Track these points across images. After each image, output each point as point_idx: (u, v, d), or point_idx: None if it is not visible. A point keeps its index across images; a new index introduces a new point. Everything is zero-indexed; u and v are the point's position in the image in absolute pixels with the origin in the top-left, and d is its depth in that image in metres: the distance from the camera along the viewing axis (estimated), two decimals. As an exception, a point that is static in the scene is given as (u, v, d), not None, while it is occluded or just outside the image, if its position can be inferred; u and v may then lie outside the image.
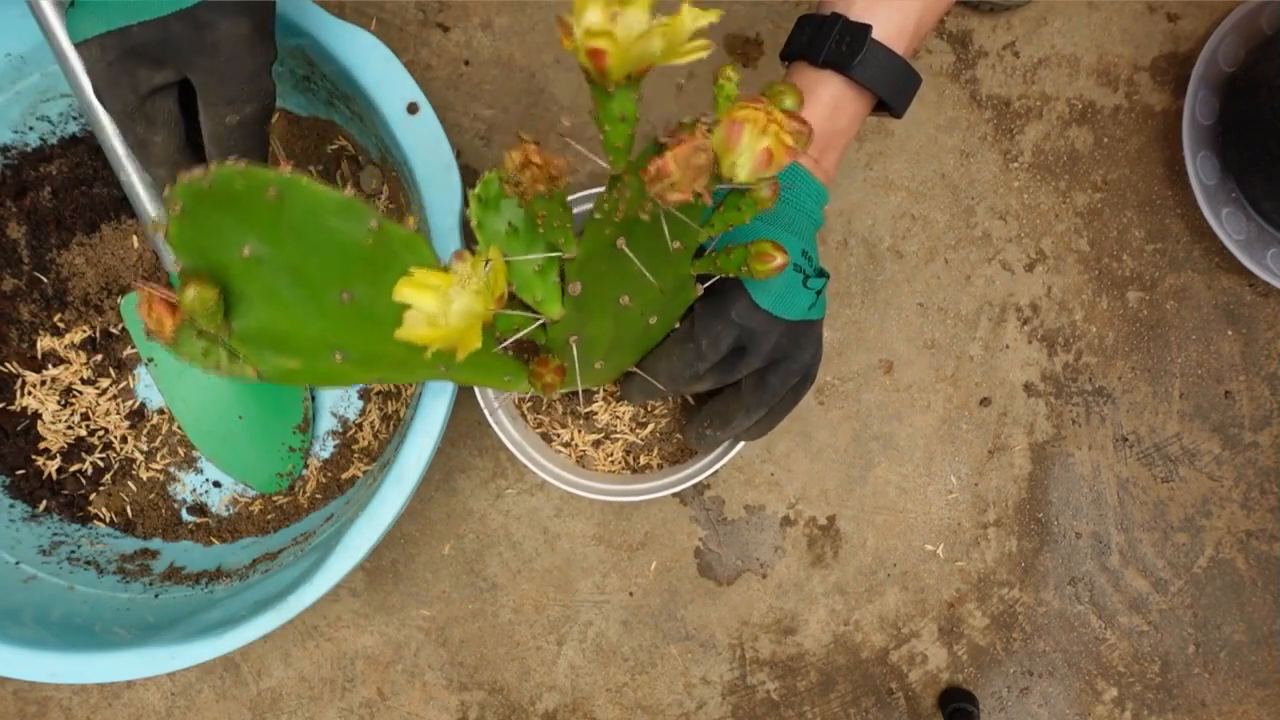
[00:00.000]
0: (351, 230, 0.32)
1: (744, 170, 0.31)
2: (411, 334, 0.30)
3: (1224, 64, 0.64)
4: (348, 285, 0.33)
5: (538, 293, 0.39)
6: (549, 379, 0.41)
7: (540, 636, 0.64)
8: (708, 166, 0.30)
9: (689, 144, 0.30)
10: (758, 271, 0.37)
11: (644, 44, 0.29)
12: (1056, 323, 0.66)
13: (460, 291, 0.30)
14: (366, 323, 0.35)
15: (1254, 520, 0.67)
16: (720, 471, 0.64)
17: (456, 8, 0.63)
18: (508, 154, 0.32)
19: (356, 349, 0.35)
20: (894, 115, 0.45)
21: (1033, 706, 0.66)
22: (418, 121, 0.47)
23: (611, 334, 0.42)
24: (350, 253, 0.33)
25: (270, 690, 0.63)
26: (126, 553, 0.58)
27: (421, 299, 0.29)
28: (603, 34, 0.28)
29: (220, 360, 0.35)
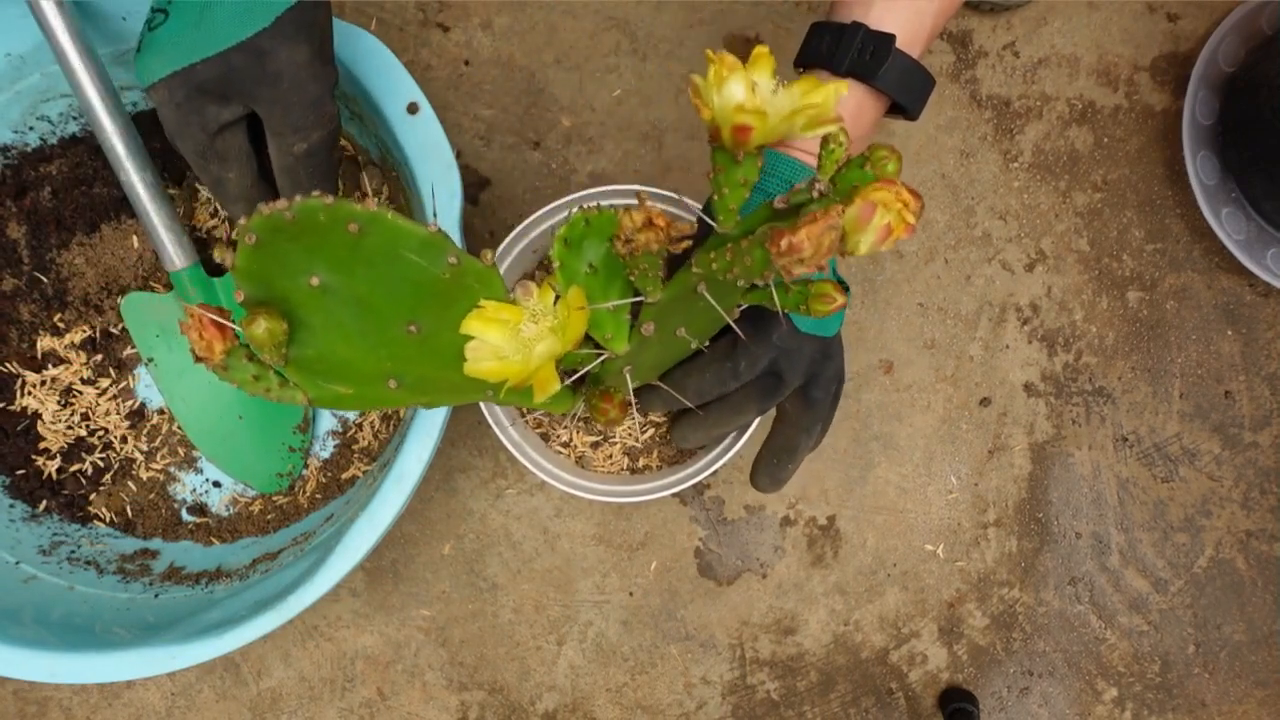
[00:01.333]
0: (431, 265, 0.32)
1: (866, 246, 0.31)
2: (480, 369, 0.30)
3: (1224, 64, 0.64)
4: (416, 317, 0.33)
5: (608, 331, 0.39)
6: (613, 414, 0.41)
7: (540, 636, 0.64)
8: (836, 243, 0.31)
9: (823, 222, 0.30)
10: (817, 311, 0.37)
11: (790, 122, 0.29)
12: (1056, 323, 0.66)
13: (533, 326, 0.30)
14: (428, 353, 0.34)
15: (1254, 520, 0.67)
16: (720, 471, 0.64)
17: (456, 8, 0.63)
18: (626, 214, 0.32)
19: (413, 377, 0.35)
20: (909, 118, 0.45)
21: (1033, 706, 0.66)
22: (418, 122, 0.47)
23: (657, 358, 0.42)
24: (424, 287, 0.32)
25: (270, 690, 0.63)
26: (126, 553, 0.57)
27: (490, 333, 0.30)
28: (755, 113, 0.29)
29: (271, 385, 0.35)
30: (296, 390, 0.35)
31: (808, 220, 0.30)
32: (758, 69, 0.30)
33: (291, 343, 0.34)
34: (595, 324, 0.38)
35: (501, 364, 0.30)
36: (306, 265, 0.32)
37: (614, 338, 0.39)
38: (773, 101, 0.29)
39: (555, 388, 0.32)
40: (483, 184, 0.64)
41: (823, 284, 0.37)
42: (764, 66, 0.30)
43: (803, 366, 0.43)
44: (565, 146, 0.64)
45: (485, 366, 0.30)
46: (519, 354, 0.30)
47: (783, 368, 0.43)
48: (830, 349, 0.44)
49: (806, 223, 0.30)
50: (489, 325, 0.30)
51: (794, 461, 0.46)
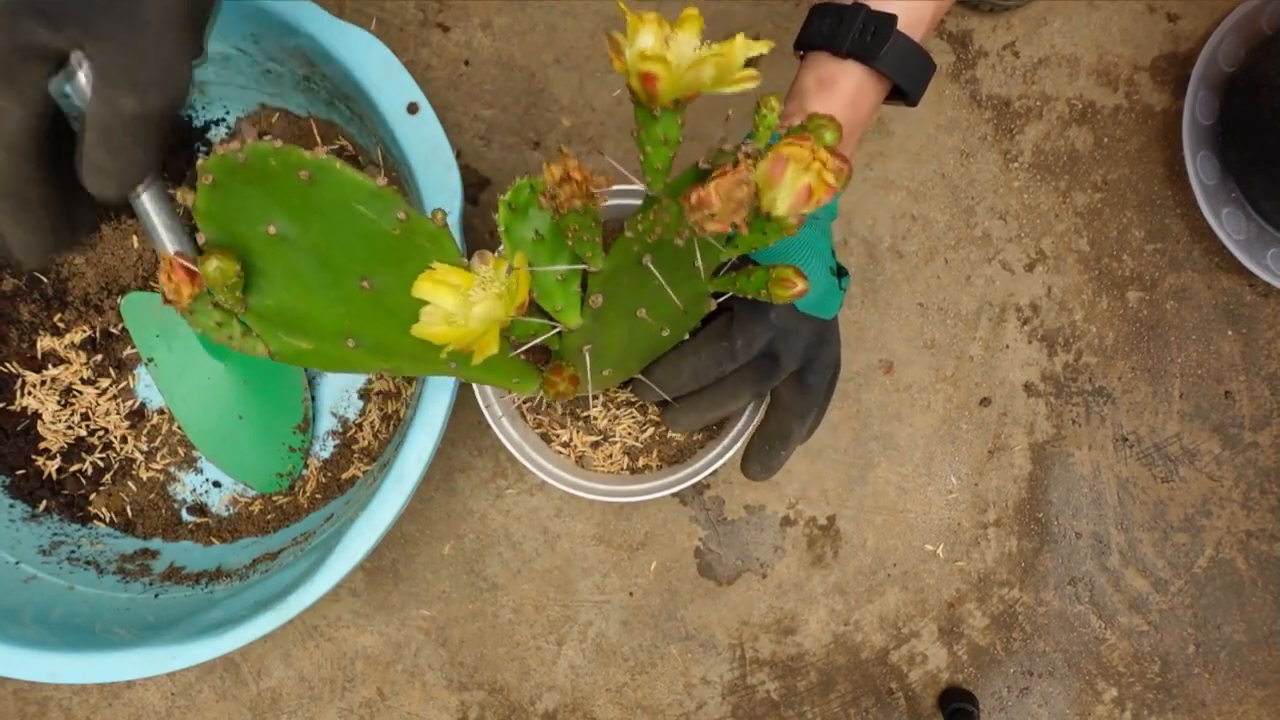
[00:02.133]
0: (379, 218, 0.32)
1: (783, 205, 0.31)
2: (428, 331, 0.30)
3: (1224, 64, 0.64)
4: (369, 273, 0.34)
5: (558, 302, 0.39)
6: (562, 387, 0.41)
7: (540, 636, 0.64)
8: (748, 200, 0.30)
9: (732, 176, 0.30)
10: (778, 296, 0.37)
11: (696, 71, 0.29)
12: (1056, 323, 0.66)
13: (481, 293, 0.30)
14: (383, 312, 0.35)
15: (1254, 520, 0.67)
16: (720, 471, 0.64)
17: (456, 8, 0.63)
18: (547, 167, 0.32)
19: (370, 337, 0.36)
20: (909, 104, 0.45)
21: (1033, 706, 0.66)
22: (418, 121, 0.47)
23: (624, 343, 0.42)
24: (375, 241, 0.33)
25: (270, 690, 0.63)
26: (126, 553, 0.57)
27: (441, 296, 0.30)
28: (657, 59, 0.29)
29: (234, 333, 0.35)
30: (258, 341, 0.36)
31: (718, 173, 0.30)
32: (683, 28, 0.30)
33: (252, 290, 0.34)
34: (545, 295, 0.38)
35: (449, 328, 0.30)
36: (264, 213, 0.33)
37: (564, 309, 0.39)
38: (680, 50, 0.29)
39: (492, 351, 0.32)
40: (483, 184, 0.64)
41: (783, 268, 0.37)
42: (690, 27, 0.30)
43: (800, 349, 0.43)
44: (565, 146, 0.64)
45: (433, 330, 0.30)
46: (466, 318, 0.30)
47: (779, 349, 0.43)
48: (827, 333, 0.44)
49: (716, 176, 0.30)
50: (439, 288, 0.30)
51: (786, 449, 0.46)
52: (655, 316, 0.40)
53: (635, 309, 0.40)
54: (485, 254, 0.31)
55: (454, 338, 0.30)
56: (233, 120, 0.60)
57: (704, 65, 0.29)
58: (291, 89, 0.56)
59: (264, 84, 0.56)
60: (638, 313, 0.40)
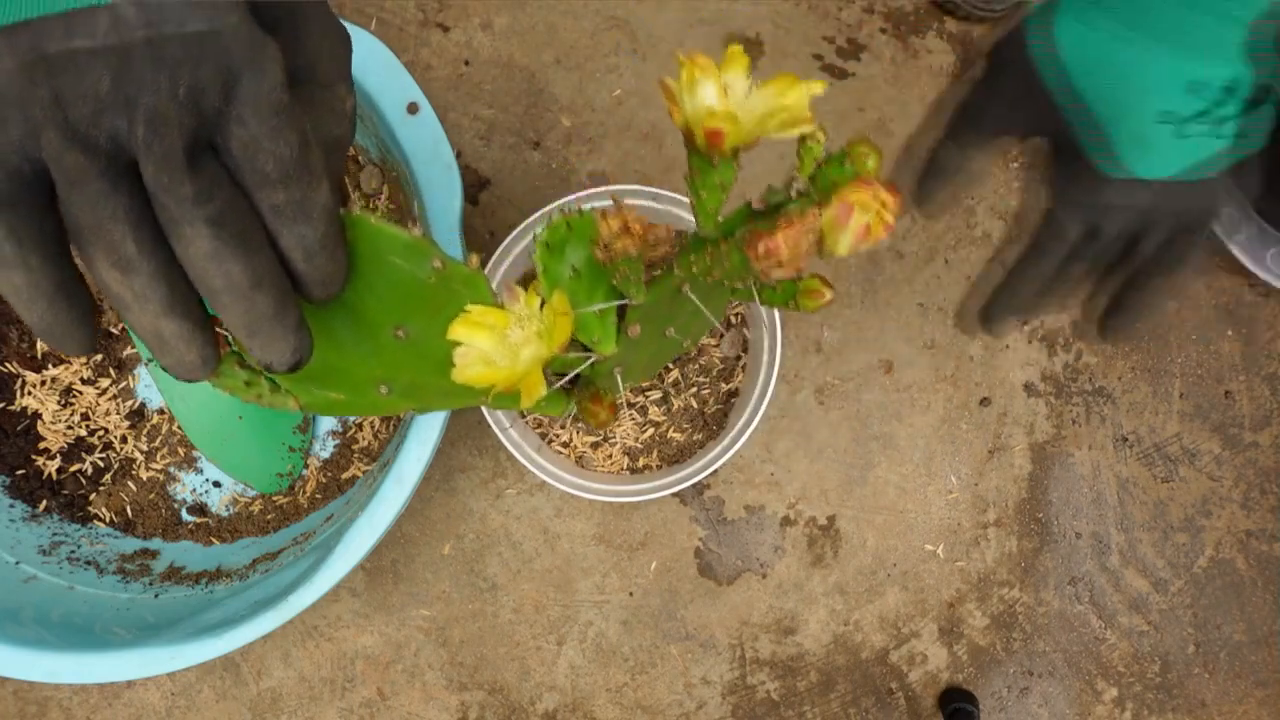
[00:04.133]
0: (415, 269, 0.31)
1: (844, 246, 0.31)
2: (468, 375, 0.30)
3: (1224, 64, 0.64)
4: (404, 322, 0.33)
5: (595, 334, 0.39)
6: (603, 417, 0.41)
7: (540, 636, 0.64)
8: (813, 247, 0.30)
9: (800, 226, 0.29)
10: (806, 308, 0.36)
11: (763, 125, 0.29)
12: (1056, 323, 0.66)
13: (520, 331, 0.30)
14: (417, 357, 0.34)
15: (1254, 520, 0.67)
16: (720, 471, 0.64)
17: (456, 8, 0.63)
18: (602, 219, 0.32)
19: (403, 381, 0.35)
20: None
21: (1033, 706, 0.66)
22: (418, 121, 0.47)
23: (650, 358, 0.43)
24: (410, 291, 0.32)
25: (270, 690, 0.63)
26: (126, 552, 0.57)
27: (478, 338, 0.29)
28: (727, 116, 0.28)
29: (263, 391, 0.35)
30: (289, 396, 0.35)
31: (785, 223, 0.29)
32: (731, 68, 0.29)
33: None
34: (582, 327, 0.38)
35: (489, 369, 0.30)
36: None
37: (601, 340, 0.39)
38: (745, 104, 0.29)
39: (541, 392, 0.32)
40: (483, 184, 0.64)
41: (811, 279, 0.37)
42: (738, 66, 0.30)
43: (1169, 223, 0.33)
44: (565, 146, 0.64)
45: (473, 372, 0.30)
46: (506, 359, 0.30)
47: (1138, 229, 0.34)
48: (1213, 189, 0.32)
49: (784, 226, 0.29)
50: (476, 330, 0.30)
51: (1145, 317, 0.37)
52: (682, 333, 0.41)
53: (665, 329, 0.40)
54: (515, 289, 0.31)
55: (497, 379, 0.30)
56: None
57: (772, 119, 0.29)
58: (291, 89, 0.56)
59: (264, 84, 0.56)
60: (666, 332, 0.40)
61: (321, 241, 0.26)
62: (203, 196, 0.22)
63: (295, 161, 0.24)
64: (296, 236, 0.25)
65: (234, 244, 0.23)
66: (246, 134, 0.23)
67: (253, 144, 0.23)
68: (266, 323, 0.26)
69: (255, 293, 0.25)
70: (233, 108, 0.22)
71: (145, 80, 0.21)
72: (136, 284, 0.23)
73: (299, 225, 0.25)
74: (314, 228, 0.25)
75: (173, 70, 0.21)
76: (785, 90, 0.29)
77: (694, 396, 0.56)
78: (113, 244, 0.23)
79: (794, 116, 0.30)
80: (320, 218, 0.25)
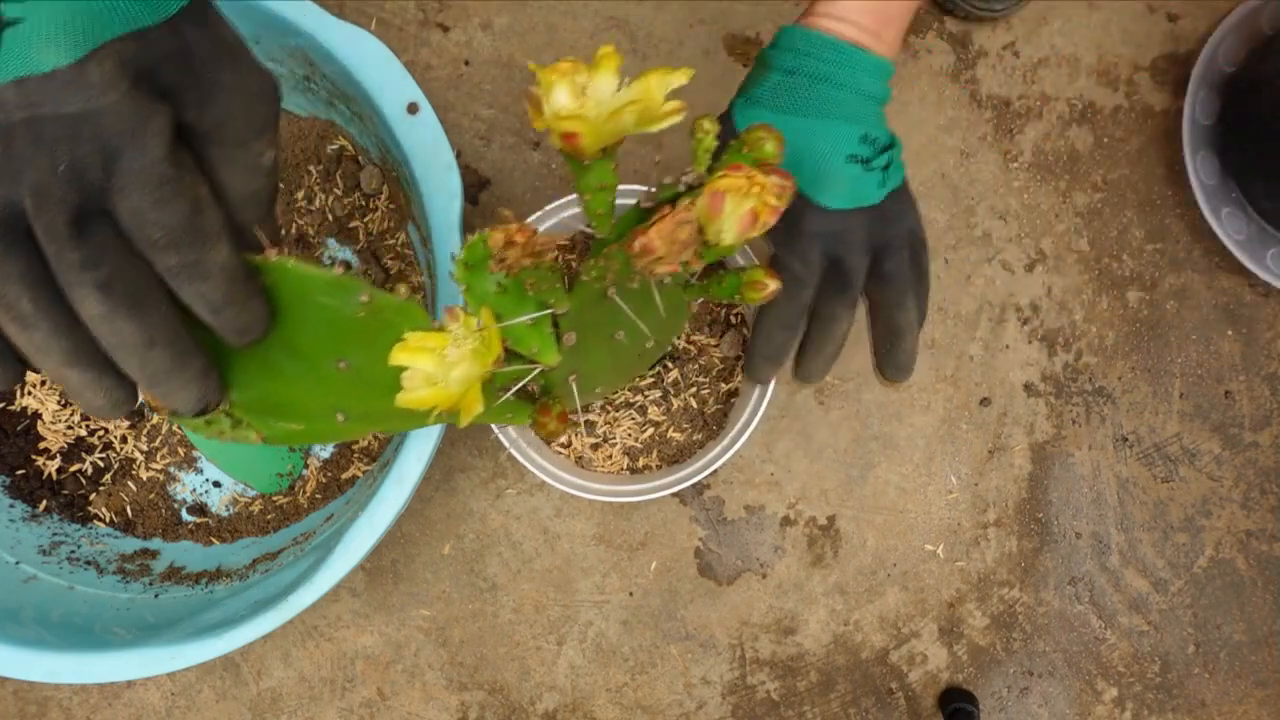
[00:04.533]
0: (343, 305, 0.32)
1: (729, 235, 0.31)
2: (411, 399, 0.30)
3: (1224, 64, 0.64)
4: (343, 355, 0.34)
5: (533, 345, 0.39)
6: (552, 427, 0.41)
7: (540, 636, 0.64)
8: (693, 238, 0.30)
9: (671, 219, 0.29)
10: (750, 299, 0.36)
11: (616, 121, 0.29)
12: (1056, 323, 0.66)
13: (456, 351, 0.30)
14: (365, 385, 0.35)
15: (1254, 520, 0.67)
16: (720, 471, 0.64)
17: (456, 8, 0.63)
18: (490, 234, 0.32)
19: (357, 409, 0.36)
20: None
21: (1033, 706, 0.66)
22: (418, 122, 0.47)
23: (609, 363, 0.42)
24: (343, 326, 0.33)
25: (270, 690, 0.63)
26: (126, 552, 0.58)
27: (418, 360, 0.30)
28: (574, 117, 0.28)
29: (224, 428, 0.35)
30: (249, 429, 0.35)
31: (657, 218, 0.29)
32: (600, 71, 0.29)
33: (233, 387, 0.34)
34: (519, 340, 0.38)
35: (433, 391, 0.30)
36: None
37: (540, 350, 0.38)
38: (603, 103, 0.29)
39: (478, 410, 0.32)
40: (483, 184, 0.64)
41: (754, 270, 0.36)
42: (607, 67, 0.29)
43: (860, 243, 0.40)
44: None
45: (416, 396, 0.30)
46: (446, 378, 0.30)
47: (840, 252, 0.41)
48: (887, 216, 0.41)
49: (656, 221, 0.29)
50: (415, 355, 0.30)
51: (905, 341, 0.43)
52: (634, 337, 0.40)
53: (612, 334, 0.39)
54: (456, 310, 0.31)
55: (437, 400, 0.30)
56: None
57: (623, 114, 0.29)
58: (292, 89, 0.56)
59: (264, 84, 0.56)
60: (615, 335, 0.39)
61: (225, 297, 0.27)
62: (90, 263, 0.24)
63: (183, 228, 0.25)
64: (196, 294, 0.27)
65: (125, 305, 0.25)
66: (130, 205, 0.24)
67: (138, 214, 0.24)
68: (164, 376, 0.27)
69: (149, 350, 0.26)
70: (115, 181, 0.24)
71: (27, 158, 0.23)
72: (36, 338, 0.25)
73: (196, 284, 0.26)
74: (214, 286, 0.27)
75: (51, 149, 0.23)
76: (641, 85, 0.29)
77: (694, 396, 0.56)
78: (9, 303, 0.24)
79: (648, 110, 0.29)
80: (219, 276, 0.26)
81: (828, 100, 0.40)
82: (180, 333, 0.27)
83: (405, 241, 0.59)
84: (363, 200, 0.59)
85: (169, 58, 0.25)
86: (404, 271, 0.59)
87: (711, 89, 0.64)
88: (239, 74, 0.27)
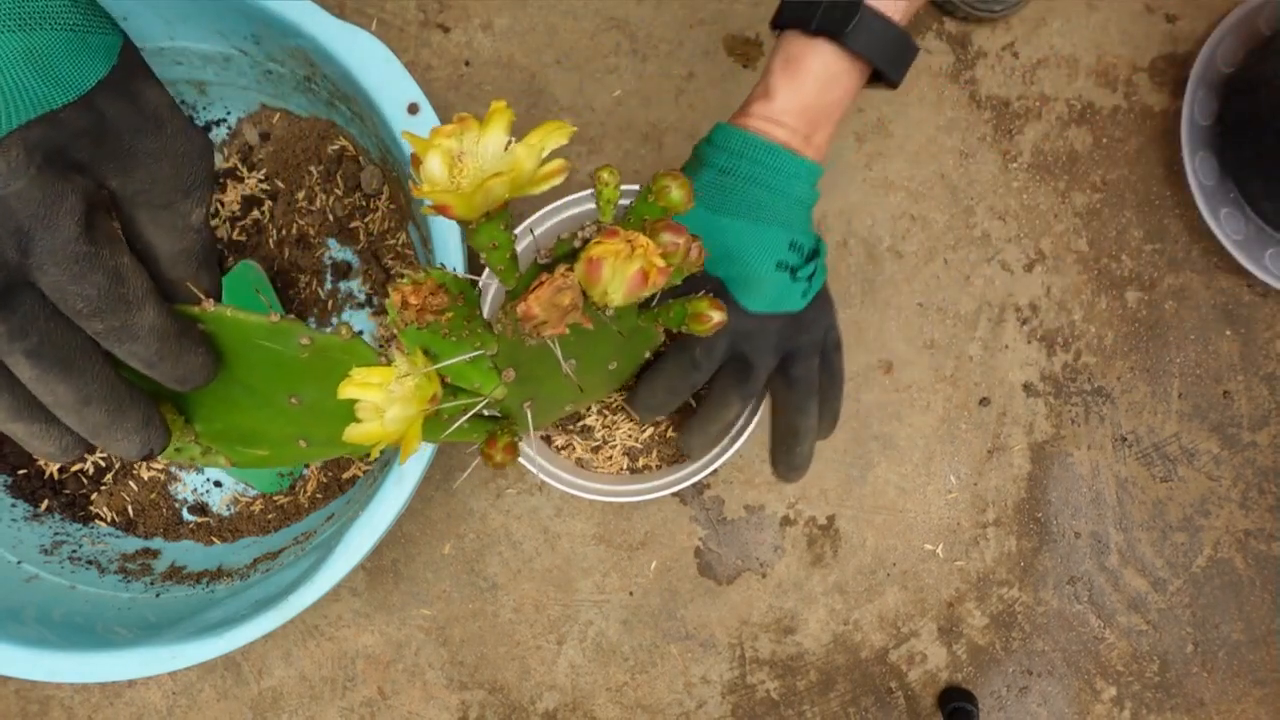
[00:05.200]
0: (285, 348, 0.33)
1: (618, 296, 0.31)
2: (358, 436, 0.31)
3: (1222, 64, 0.64)
4: (294, 391, 0.35)
5: (474, 380, 0.38)
6: (499, 459, 0.40)
7: (540, 636, 0.64)
8: (576, 302, 0.30)
9: (549, 286, 0.30)
10: (697, 330, 0.37)
11: (485, 192, 0.29)
12: (1055, 323, 0.66)
13: (399, 387, 0.31)
14: (322, 416, 0.36)
15: (1252, 520, 0.67)
16: (720, 471, 0.64)
17: (457, 8, 0.64)
18: (393, 292, 0.32)
19: (318, 436, 0.37)
20: (890, 86, 0.43)
21: (1032, 706, 0.67)
22: (418, 122, 0.47)
23: (570, 387, 0.41)
24: (289, 365, 0.34)
25: (271, 689, 0.64)
26: (128, 552, 0.58)
27: (367, 394, 0.30)
28: (443, 192, 0.29)
29: (194, 455, 0.37)
30: (218, 455, 0.37)
31: (535, 285, 0.30)
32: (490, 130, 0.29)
33: (198, 419, 0.36)
34: (459, 377, 0.38)
35: (375, 427, 0.31)
36: None
37: (483, 384, 0.38)
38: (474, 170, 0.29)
39: (415, 448, 0.32)
40: (483, 184, 0.64)
41: (698, 302, 0.36)
42: (497, 123, 0.29)
43: (770, 346, 0.42)
44: (565, 147, 0.64)
45: (361, 434, 0.31)
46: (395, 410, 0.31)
47: (746, 350, 0.42)
48: (804, 323, 0.42)
49: (534, 288, 0.30)
50: (363, 389, 0.31)
51: (800, 444, 0.44)
52: (587, 364, 0.40)
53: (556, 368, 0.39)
54: (400, 344, 0.32)
55: (380, 438, 0.31)
56: (233, 121, 0.60)
57: (491, 186, 0.28)
58: (292, 89, 0.56)
59: (265, 85, 0.57)
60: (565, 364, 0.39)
61: (158, 354, 0.28)
62: (17, 333, 0.25)
63: (104, 298, 0.26)
64: (129, 354, 0.28)
65: (57, 370, 0.26)
66: (49, 281, 0.25)
67: (58, 288, 0.25)
68: (104, 429, 0.28)
69: (84, 408, 0.27)
70: (32, 260, 0.25)
71: None
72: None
73: (127, 345, 0.27)
74: (144, 345, 0.28)
75: None
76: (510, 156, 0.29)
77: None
78: None
79: (519, 178, 0.29)
80: (148, 337, 0.28)
81: (759, 203, 0.41)
82: (115, 388, 0.28)
83: (406, 242, 0.59)
84: (363, 200, 0.59)
85: (82, 134, 0.25)
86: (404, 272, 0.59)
87: (711, 89, 0.65)
88: (162, 140, 0.27)
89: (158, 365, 0.29)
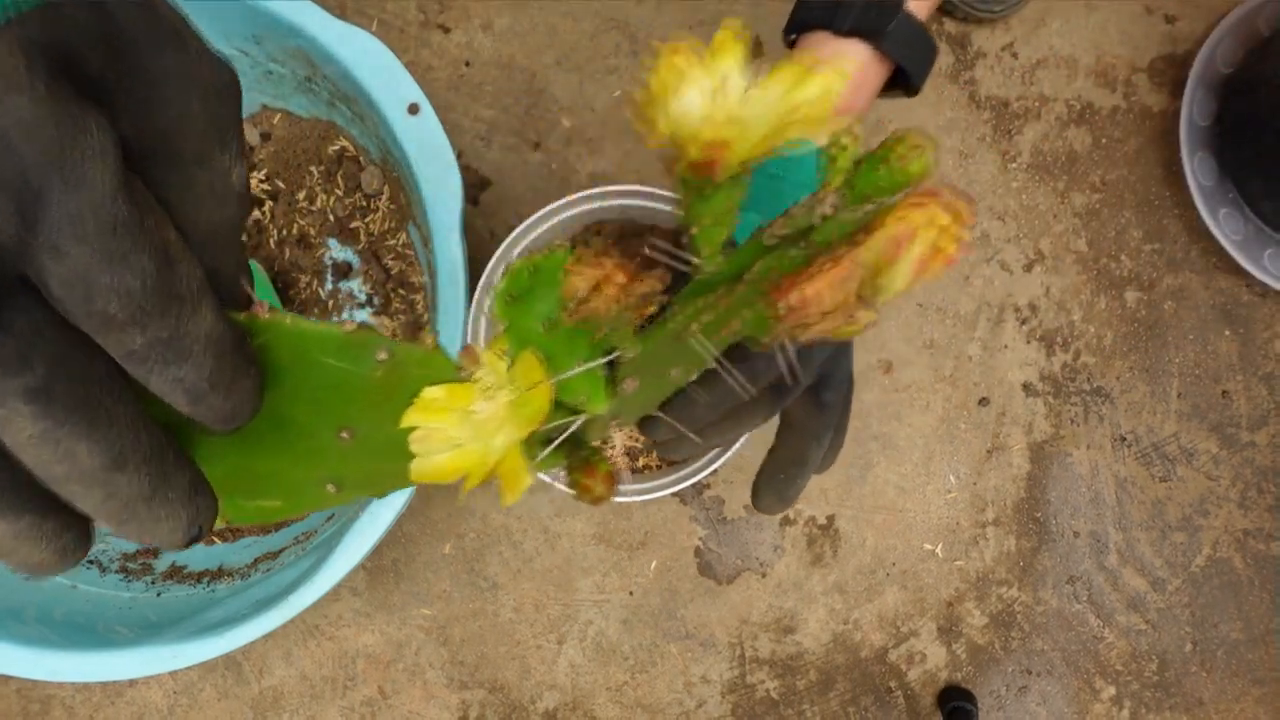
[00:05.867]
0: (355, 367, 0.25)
1: (901, 282, 0.23)
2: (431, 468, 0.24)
3: (1221, 65, 0.64)
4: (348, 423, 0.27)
5: (582, 394, 0.31)
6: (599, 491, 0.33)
7: (540, 635, 0.64)
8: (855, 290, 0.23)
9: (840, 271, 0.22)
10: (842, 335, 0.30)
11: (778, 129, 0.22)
12: (1055, 323, 0.66)
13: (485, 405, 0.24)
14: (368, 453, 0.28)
15: (1251, 519, 0.68)
16: (720, 471, 0.65)
17: (457, 9, 0.64)
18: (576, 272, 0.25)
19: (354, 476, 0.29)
20: (909, 93, 0.41)
21: (1031, 705, 0.67)
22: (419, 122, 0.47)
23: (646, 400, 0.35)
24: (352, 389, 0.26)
25: (272, 689, 0.64)
26: (129, 551, 0.58)
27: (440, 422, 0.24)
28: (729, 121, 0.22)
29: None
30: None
31: (821, 267, 0.22)
32: (722, 58, 0.22)
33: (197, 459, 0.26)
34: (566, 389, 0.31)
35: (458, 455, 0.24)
36: None
37: (590, 398, 0.31)
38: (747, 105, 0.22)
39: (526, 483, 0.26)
40: (483, 184, 0.64)
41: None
42: (730, 54, 0.22)
43: (814, 365, 0.39)
44: (565, 147, 0.64)
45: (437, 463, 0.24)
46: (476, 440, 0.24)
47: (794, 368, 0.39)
48: (843, 346, 0.41)
49: (818, 271, 0.22)
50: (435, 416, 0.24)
51: (803, 476, 0.40)
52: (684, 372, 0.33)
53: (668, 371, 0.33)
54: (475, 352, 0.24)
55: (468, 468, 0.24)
56: (234, 121, 0.60)
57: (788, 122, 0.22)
58: (293, 90, 0.56)
59: (266, 85, 0.57)
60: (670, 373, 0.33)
61: (211, 380, 0.19)
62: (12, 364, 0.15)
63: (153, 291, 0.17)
64: (171, 381, 0.18)
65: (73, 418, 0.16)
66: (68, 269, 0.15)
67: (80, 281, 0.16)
68: (140, 505, 0.18)
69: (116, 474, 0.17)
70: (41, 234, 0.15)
71: None
72: None
73: (172, 369, 0.18)
74: (196, 367, 0.18)
75: None
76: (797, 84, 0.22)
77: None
78: None
79: (815, 115, 0.22)
80: (204, 354, 0.18)
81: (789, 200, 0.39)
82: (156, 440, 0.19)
83: (406, 241, 0.59)
84: (364, 201, 0.59)
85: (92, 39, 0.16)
86: (404, 272, 0.59)
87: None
88: (186, 62, 0.18)
89: (207, 397, 0.19)
